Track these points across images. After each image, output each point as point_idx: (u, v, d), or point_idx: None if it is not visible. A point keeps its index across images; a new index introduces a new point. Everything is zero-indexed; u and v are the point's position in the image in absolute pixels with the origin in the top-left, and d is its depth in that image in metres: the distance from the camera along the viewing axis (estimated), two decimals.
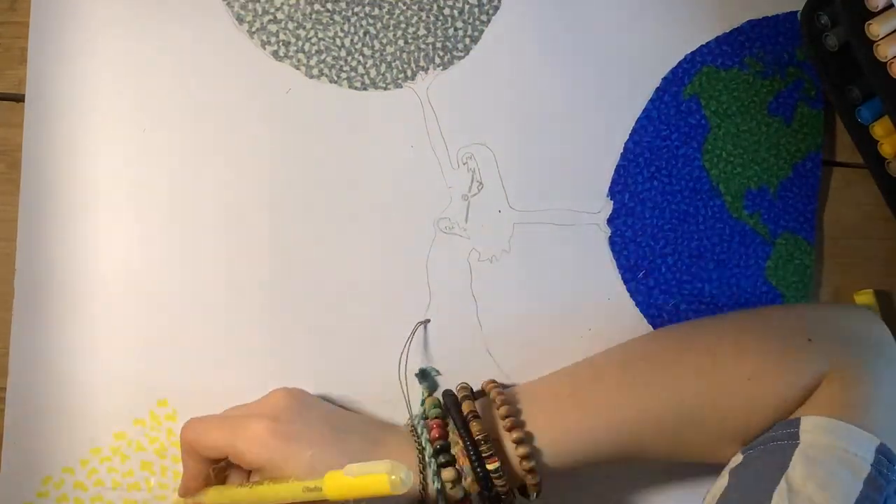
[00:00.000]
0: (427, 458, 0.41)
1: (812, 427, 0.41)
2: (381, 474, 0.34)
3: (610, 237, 0.50)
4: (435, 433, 0.42)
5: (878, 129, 0.49)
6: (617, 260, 0.50)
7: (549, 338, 0.48)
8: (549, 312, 0.49)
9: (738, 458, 0.43)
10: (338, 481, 0.36)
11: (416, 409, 0.45)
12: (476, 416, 0.42)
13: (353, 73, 0.47)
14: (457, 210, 0.48)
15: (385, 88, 0.47)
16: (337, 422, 0.42)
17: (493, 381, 0.45)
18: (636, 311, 0.50)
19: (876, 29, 0.45)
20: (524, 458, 0.41)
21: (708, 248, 0.51)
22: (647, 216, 0.50)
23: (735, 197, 0.51)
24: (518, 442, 0.41)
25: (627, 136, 0.50)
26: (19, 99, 0.44)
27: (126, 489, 0.44)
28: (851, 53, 0.47)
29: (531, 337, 0.48)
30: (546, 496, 0.43)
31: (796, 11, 0.52)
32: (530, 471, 0.41)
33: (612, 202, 0.50)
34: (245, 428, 0.40)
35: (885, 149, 0.50)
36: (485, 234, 0.48)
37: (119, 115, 0.45)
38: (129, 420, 0.44)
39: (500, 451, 0.41)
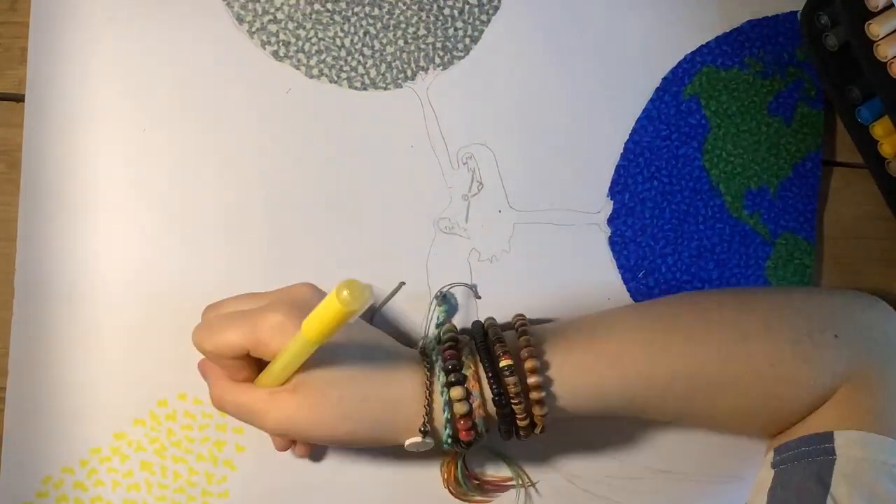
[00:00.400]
0: (437, 373, 0.40)
1: (847, 442, 0.41)
2: (331, 295, 0.31)
3: (610, 237, 0.50)
4: (448, 353, 0.41)
5: (878, 129, 0.49)
6: (617, 260, 0.50)
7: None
8: (549, 312, 0.49)
9: (768, 475, 0.42)
10: (307, 321, 0.34)
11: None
12: (500, 340, 0.41)
13: (353, 73, 0.47)
14: (457, 210, 0.48)
15: (385, 88, 0.47)
16: (359, 326, 0.42)
17: (521, 315, 0.44)
18: None
19: (876, 29, 0.45)
20: (535, 387, 0.40)
21: (708, 248, 0.51)
22: (647, 216, 0.50)
23: (735, 197, 0.51)
24: (532, 371, 0.40)
25: (627, 136, 0.50)
26: (19, 99, 0.44)
27: (126, 489, 0.44)
28: (851, 53, 0.47)
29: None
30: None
31: (796, 11, 0.52)
32: (539, 401, 0.40)
33: (612, 202, 0.50)
34: (264, 318, 0.38)
35: (885, 149, 0.50)
36: (485, 234, 0.48)
37: (119, 115, 0.45)
38: (129, 420, 0.44)
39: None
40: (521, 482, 0.47)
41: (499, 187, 0.48)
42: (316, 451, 0.45)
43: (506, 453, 0.47)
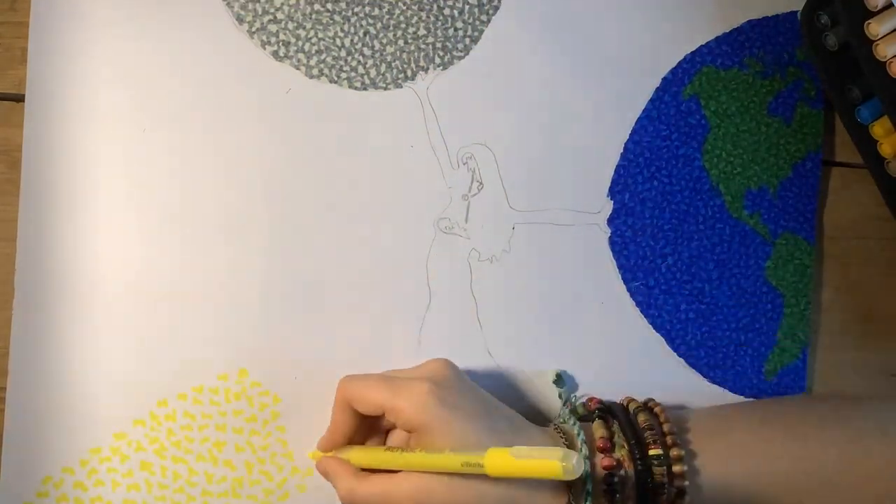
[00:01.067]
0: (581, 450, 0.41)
1: None
2: (553, 461, 0.33)
3: (610, 237, 0.50)
4: (601, 433, 0.42)
5: (878, 129, 0.49)
6: (617, 260, 0.50)
7: (549, 338, 0.48)
8: (549, 313, 0.49)
9: None
10: (502, 460, 0.35)
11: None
12: (651, 428, 0.42)
13: (353, 73, 0.47)
14: (457, 210, 0.48)
15: (385, 88, 0.47)
16: (488, 401, 0.43)
17: (653, 400, 0.45)
18: (636, 311, 0.50)
19: (875, 28, 0.45)
20: (680, 475, 0.41)
21: (708, 248, 0.51)
22: (647, 216, 0.50)
23: (735, 197, 0.51)
24: (677, 459, 0.41)
25: (627, 136, 0.50)
26: (19, 99, 0.44)
27: (126, 489, 0.44)
28: (851, 53, 0.47)
29: (531, 337, 0.48)
30: None
31: (796, 11, 0.52)
32: (681, 491, 0.41)
33: (612, 202, 0.50)
34: (408, 387, 0.40)
35: (885, 149, 0.50)
36: (485, 234, 0.48)
37: (119, 115, 0.45)
38: (129, 420, 0.44)
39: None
40: None
41: (499, 187, 0.48)
42: None
43: None
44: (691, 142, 0.51)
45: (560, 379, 0.48)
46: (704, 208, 0.51)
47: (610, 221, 0.50)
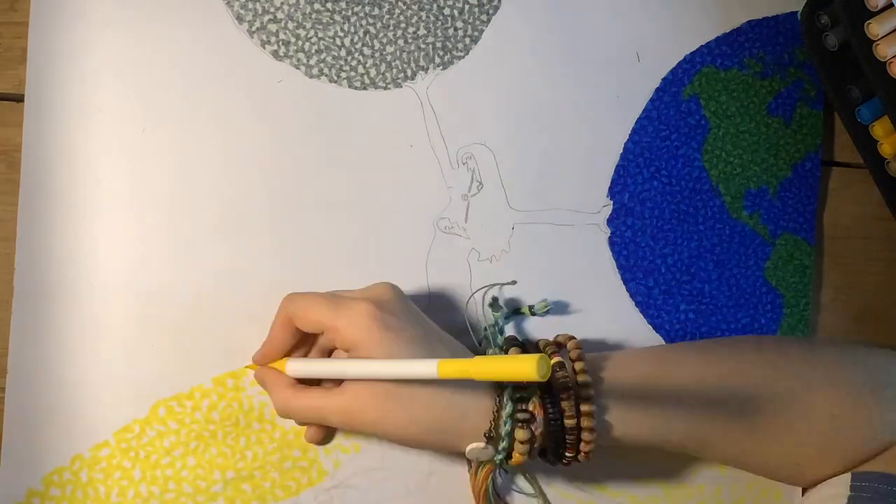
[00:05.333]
0: (505, 399, 0.40)
1: None
2: (532, 358, 0.33)
3: (610, 237, 0.50)
4: None
5: (878, 129, 0.50)
6: (617, 260, 0.50)
7: (548, 338, 0.48)
8: (548, 312, 0.49)
9: (842, 491, 0.42)
10: (484, 359, 0.35)
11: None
12: (562, 366, 0.42)
13: (353, 73, 0.47)
14: (457, 210, 0.48)
15: (385, 88, 0.47)
16: (429, 328, 0.42)
17: (572, 336, 0.45)
18: (636, 311, 0.50)
19: (875, 29, 0.45)
20: (588, 415, 0.41)
21: (708, 248, 0.51)
22: (646, 216, 0.50)
23: (735, 197, 0.51)
24: (587, 398, 0.41)
25: (627, 136, 0.50)
26: (19, 99, 0.44)
27: (125, 488, 0.44)
28: (851, 53, 0.47)
29: (530, 337, 0.48)
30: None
31: (796, 11, 0.52)
32: (589, 429, 0.41)
33: (612, 202, 0.50)
34: (349, 307, 0.40)
35: (885, 149, 0.50)
36: (485, 234, 0.48)
37: (119, 115, 0.45)
38: (129, 419, 0.44)
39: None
40: None
41: (499, 187, 0.48)
42: (325, 437, 0.46)
43: (535, 476, 0.47)
44: (691, 142, 0.51)
45: (496, 303, 0.47)
46: (704, 208, 0.51)
47: (610, 221, 0.50)
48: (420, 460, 0.46)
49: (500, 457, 0.41)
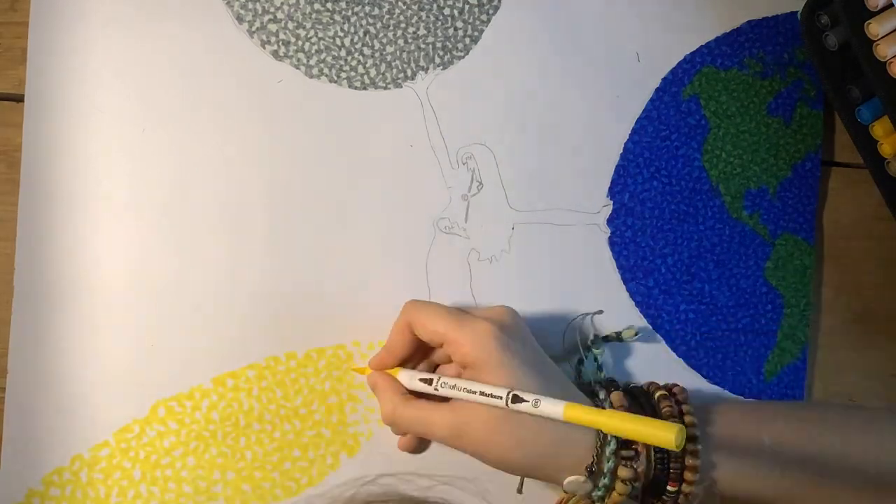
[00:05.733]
0: (608, 443, 0.41)
1: None
2: (672, 428, 0.33)
3: (610, 237, 0.50)
4: None
5: (878, 129, 0.50)
6: (617, 260, 0.50)
7: (548, 338, 0.48)
8: (548, 312, 0.49)
9: None
10: (620, 416, 0.35)
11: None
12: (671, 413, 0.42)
13: (353, 73, 0.47)
14: (457, 210, 0.48)
15: (385, 88, 0.47)
16: (543, 356, 0.43)
17: (676, 383, 0.45)
18: (636, 311, 0.50)
19: (875, 28, 0.45)
20: (693, 453, 0.41)
21: (708, 249, 0.51)
22: (647, 216, 0.50)
23: (735, 197, 0.51)
24: (691, 438, 0.41)
25: (627, 136, 0.50)
26: (19, 99, 0.44)
27: (126, 488, 0.44)
28: (851, 53, 0.47)
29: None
30: None
31: (796, 11, 0.52)
32: (693, 468, 0.41)
33: (612, 202, 0.50)
34: (473, 324, 0.41)
35: (885, 149, 0.50)
36: (484, 234, 0.48)
37: (119, 115, 0.45)
38: (129, 419, 0.44)
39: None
40: None
41: (498, 187, 0.48)
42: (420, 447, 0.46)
43: None
44: (691, 142, 0.51)
45: (597, 339, 0.48)
46: (704, 208, 0.51)
47: (610, 221, 0.50)
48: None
49: (599, 493, 0.41)
